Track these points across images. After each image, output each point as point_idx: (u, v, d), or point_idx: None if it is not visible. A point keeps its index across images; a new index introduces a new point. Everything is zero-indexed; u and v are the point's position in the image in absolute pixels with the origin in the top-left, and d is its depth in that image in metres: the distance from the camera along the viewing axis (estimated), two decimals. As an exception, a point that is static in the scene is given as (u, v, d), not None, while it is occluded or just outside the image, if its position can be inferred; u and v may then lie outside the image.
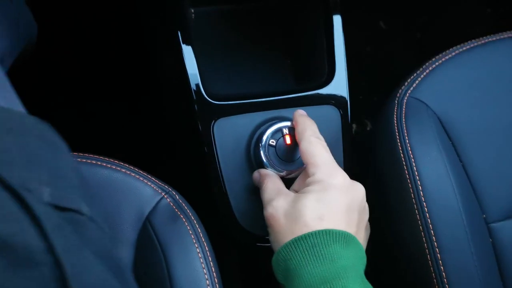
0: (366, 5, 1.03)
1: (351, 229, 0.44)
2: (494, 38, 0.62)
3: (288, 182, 0.51)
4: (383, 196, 0.58)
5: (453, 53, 0.61)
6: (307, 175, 0.47)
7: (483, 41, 0.62)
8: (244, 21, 0.70)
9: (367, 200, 0.48)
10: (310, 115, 0.59)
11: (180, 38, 0.59)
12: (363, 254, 0.44)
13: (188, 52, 0.58)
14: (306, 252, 0.41)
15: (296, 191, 0.48)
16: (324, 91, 0.60)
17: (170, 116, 0.91)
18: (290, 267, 0.41)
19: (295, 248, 0.42)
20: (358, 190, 0.46)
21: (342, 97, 0.60)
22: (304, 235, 0.42)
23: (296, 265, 0.41)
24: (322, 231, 0.42)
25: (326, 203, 0.44)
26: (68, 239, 0.32)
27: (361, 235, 0.46)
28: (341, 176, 0.46)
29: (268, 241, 0.48)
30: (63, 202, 0.34)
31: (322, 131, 0.58)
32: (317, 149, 0.48)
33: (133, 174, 0.50)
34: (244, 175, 0.56)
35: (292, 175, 0.53)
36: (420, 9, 1.07)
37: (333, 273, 0.40)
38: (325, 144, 0.49)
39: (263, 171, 0.53)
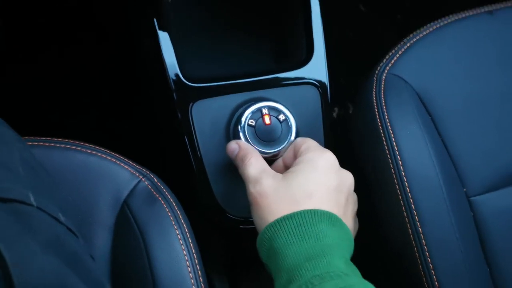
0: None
1: (337, 211, 0.44)
2: (471, 13, 0.62)
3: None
4: (363, 173, 0.58)
5: (431, 29, 0.61)
6: (295, 157, 0.48)
7: (460, 16, 0.62)
8: (223, 2, 0.69)
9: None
10: (290, 95, 0.58)
11: (156, 25, 0.58)
12: (350, 237, 0.44)
13: (164, 38, 0.58)
14: (292, 231, 0.41)
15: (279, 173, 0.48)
16: (303, 70, 0.59)
17: (150, 101, 0.90)
18: (274, 246, 0.41)
19: (280, 227, 0.42)
20: (347, 176, 0.47)
21: (321, 76, 0.59)
22: (291, 214, 0.42)
23: (281, 244, 0.41)
24: (308, 210, 0.42)
25: (316, 182, 0.44)
26: (9, 229, 0.32)
27: (349, 222, 0.46)
28: (331, 157, 0.47)
29: (252, 223, 0.47)
30: (5, 194, 0.34)
31: (301, 111, 0.57)
32: (309, 140, 0.50)
33: (109, 158, 0.49)
34: (225, 158, 0.56)
35: (271, 158, 0.52)
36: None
37: (318, 251, 0.40)
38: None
39: (243, 144, 0.51)
